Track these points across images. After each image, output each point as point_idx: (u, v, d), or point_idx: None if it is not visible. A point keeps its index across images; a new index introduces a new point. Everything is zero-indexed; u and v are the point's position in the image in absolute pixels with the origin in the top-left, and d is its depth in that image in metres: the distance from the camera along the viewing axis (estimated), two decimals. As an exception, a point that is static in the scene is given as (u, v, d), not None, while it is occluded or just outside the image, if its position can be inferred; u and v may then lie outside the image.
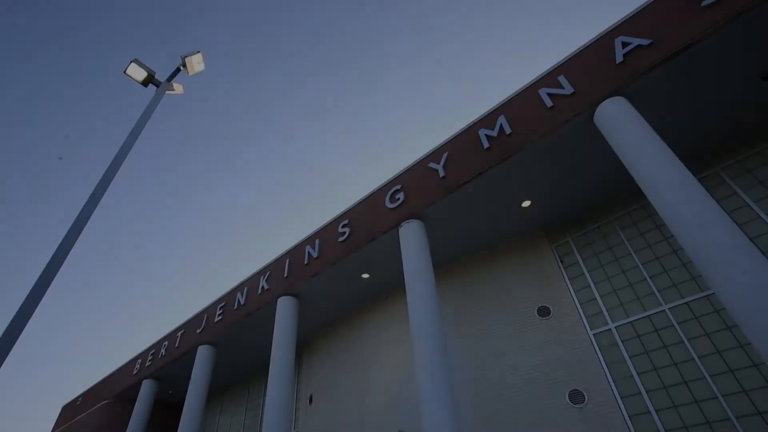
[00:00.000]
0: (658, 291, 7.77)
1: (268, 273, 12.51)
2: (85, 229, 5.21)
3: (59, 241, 5.01)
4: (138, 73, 7.24)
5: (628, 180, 8.34)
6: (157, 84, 7.40)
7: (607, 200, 9.27)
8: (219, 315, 13.56)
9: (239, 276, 55.21)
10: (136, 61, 7.15)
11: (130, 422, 15.59)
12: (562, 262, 9.30)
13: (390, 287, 11.80)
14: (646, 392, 7.09)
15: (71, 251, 5.01)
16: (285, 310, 11.19)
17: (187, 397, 12.83)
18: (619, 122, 6.70)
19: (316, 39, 69.66)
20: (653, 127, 6.56)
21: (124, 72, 7.19)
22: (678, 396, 6.80)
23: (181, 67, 7.62)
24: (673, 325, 7.33)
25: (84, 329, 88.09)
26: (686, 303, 7.38)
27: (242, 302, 12.83)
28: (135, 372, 17.25)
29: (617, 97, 6.92)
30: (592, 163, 8.21)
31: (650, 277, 7.98)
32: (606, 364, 7.69)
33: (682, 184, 5.70)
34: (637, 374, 7.31)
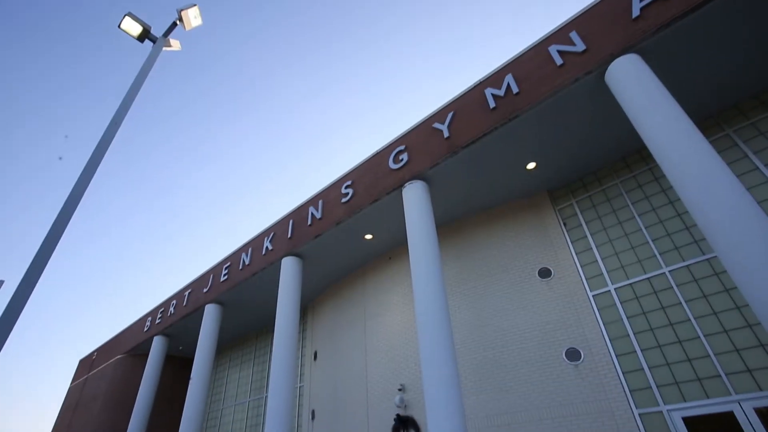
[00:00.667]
0: (660, 254, 7.81)
1: (272, 234, 12.61)
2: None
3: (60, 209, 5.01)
4: (133, 28, 6.95)
5: (635, 142, 8.21)
6: (154, 39, 7.13)
7: (613, 163, 9.15)
8: (225, 275, 13.82)
9: (242, 237, 55.80)
10: (130, 14, 6.85)
11: (144, 375, 16.40)
12: (565, 224, 9.31)
13: (393, 248, 11.92)
14: (641, 351, 7.30)
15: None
16: (289, 270, 11.39)
17: (196, 352, 13.35)
18: (632, 81, 6.45)
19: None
20: (666, 87, 6.34)
21: (119, 26, 6.91)
22: (672, 354, 7.00)
23: (178, 22, 7.31)
24: (672, 287, 7.43)
25: (96, 287, 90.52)
26: (687, 266, 7.43)
27: (247, 262, 13.03)
28: (146, 329, 17.87)
29: (631, 55, 6.64)
30: (600, 124, 8.01)
31: (652, 240, 8.00)
32: (603, 324, 7.88)
33: (692, 146, 5.58)
34: (634, 334, 7.50)
